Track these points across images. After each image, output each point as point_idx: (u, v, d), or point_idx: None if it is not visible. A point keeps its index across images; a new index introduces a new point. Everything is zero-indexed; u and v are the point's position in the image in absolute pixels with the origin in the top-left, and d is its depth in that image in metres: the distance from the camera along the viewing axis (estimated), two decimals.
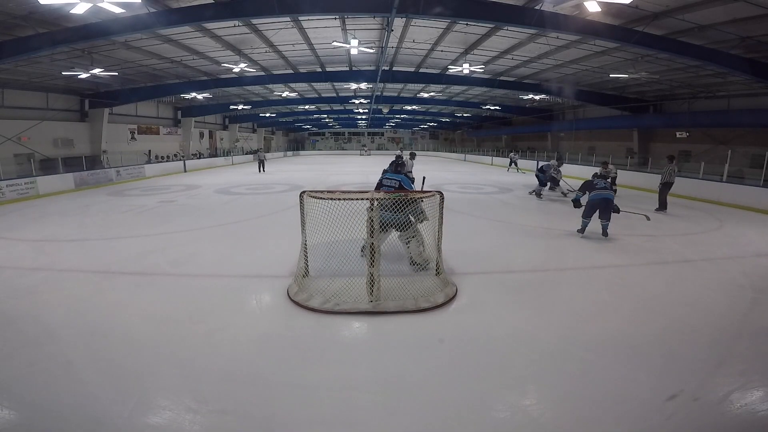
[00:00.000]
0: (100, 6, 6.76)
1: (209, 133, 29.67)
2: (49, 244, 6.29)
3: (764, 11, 7.76)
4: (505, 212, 9.32)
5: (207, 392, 2.52)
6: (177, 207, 9.89)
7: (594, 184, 6.52)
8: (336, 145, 54.04)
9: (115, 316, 3.61)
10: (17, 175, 12.00)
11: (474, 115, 33.70)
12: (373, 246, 3.72)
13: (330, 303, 3.76)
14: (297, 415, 2.35)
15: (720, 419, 2.35)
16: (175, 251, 5.79)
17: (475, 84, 17.55)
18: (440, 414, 2.37)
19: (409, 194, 5.02)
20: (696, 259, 5.61)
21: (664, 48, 9.78)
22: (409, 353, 3.03)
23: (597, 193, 6.39)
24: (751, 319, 3.73)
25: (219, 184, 15.15)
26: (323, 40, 12.05)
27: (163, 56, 13.20)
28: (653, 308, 3.88)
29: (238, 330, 3.39)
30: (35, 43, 9.17)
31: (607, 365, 2.86)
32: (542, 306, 3.95)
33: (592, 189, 6.49)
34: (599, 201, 6.35)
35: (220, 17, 9.01)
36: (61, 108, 16.57)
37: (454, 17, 9.38)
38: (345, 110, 31.86)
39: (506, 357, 2.99)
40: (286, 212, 8.71)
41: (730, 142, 15.13)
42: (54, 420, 2.29)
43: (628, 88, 17.42)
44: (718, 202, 10.58)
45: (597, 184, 6.48)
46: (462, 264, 5.04)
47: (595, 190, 6.44)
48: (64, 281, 4.59)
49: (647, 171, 15.08)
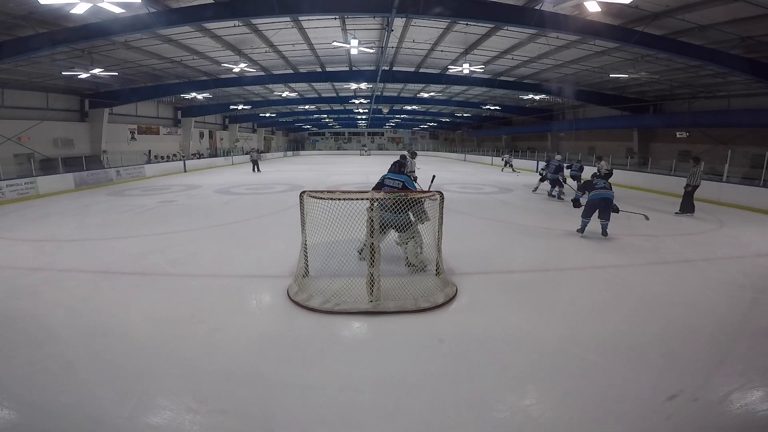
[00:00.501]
0: (100, 6, 6.76)
1: (209, 133, 29.68)
2: (49, 244, 6.29)
3: (764, 11, 7.75)
4: (505, 212, 9.32)
5: (207, 392, 2.52)
6: (177, 207, 9.89)
7: (594, 184, 6.53)
8: (336, 145, 54.03)
9: (115, 316, 3.61)
10: (17, 175, 12.00)
11: (474, 115, 33.70)
12: (373, 246, 3.72)
13: (330, 303, 3.76)
14: (297, 415, 2.35)
15: (720, 419, 2.35)
16: (175, 251, 5.79)
17: (475, 84, 17.54)
18: (440, 414, 2.36)
19: (410, 194, 5.02)
20: (696, 259, 5.60)
21: (664, 48, 9.78)
22: (409, 353, 3.03)
23: (596, 192, 6.41)
24: (751, 319, 3.73)
25: (219, 184, 15.16)
26: (323, 40, 12.05)
27: (163, 56, 13.20)
28: (653, 308, 3.88)
29: (238, 330, 3.39)
30: (35, 43, 9.16)
31: (607, 365, 2.86)
32: (542, 306, 3.95)
33: (591, 189, 6.50)
34: (599, 201, 6.37)
35: (220, 17, 9.01)
36: (61, 108, 16.56)
37: (454, 17, 9.38)
38: (345, 110, 31.86)
39: (506, 357, 2.99)
40: (286, 212, 8.71)
41: (730, 142, 15.12)
42: (54, 420, 2.29)
43: (628, 88, 17.42)
44: (718, 202, 10.58)
45: (597, 184, 6.50)
46: (462, 264, 5.04)
47: (594, 189, 6.45)
48: (64, 281, 4.59)
49: (647, 171, 15.09)
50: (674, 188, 12.43)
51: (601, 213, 6.41)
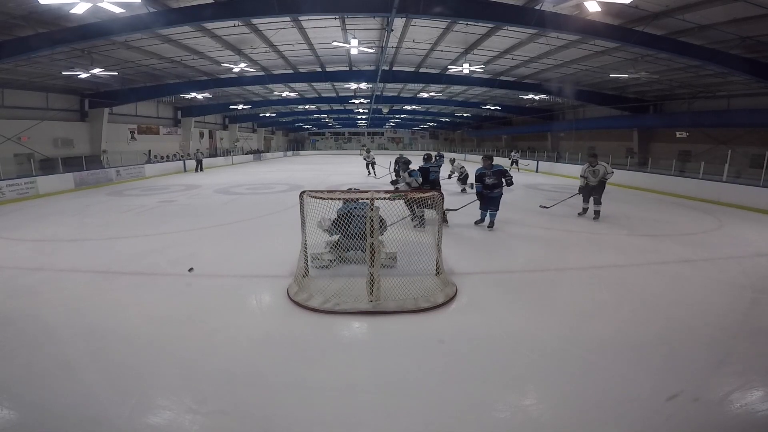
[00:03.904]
0: (99, 6, 6.75)
1: (209, 133, 29.67)
2: (49, 244, 6.29)
3: (764, 11, 7.75)
4: (505, 212, 9.29)
5: (207, 392, 2.52)
6: (177, 207, 9.89)
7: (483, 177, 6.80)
8: (336, 145, 54.02)
9: (115, 316, 3.61)
10: (17, 175, 11.98)
11: (474, 115, 33.67)
12: (373, 246, 3.72)
13: (330, 303, 3.75)
14: (297, 415, 2.35)
15: (720, 419, 2.35)
16: (175, 251, 5.79)
17: (475, 84, 17.53)
18: (440, 414, 2.37)
19: (409, 194, 5.03)
20: (696, 259, 5.60)
21: (664, 48, 9.77)
22: (409, 353, 3.02)
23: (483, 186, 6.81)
24: (751, 319, 3.73)
25: (219, 184, 15.15)
26: (323, 40, 12.04)
27: (163, 56, 13.19)
28: (653, 308, 3.88)
29: (238, 330, 3.39)
30: (35, 43, 9.16)
31: (608, 365, 2.86)
32: (542, 306, 3.95)
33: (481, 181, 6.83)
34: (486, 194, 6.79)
35: (219, 17, 9.00)
36: (61, 108, 16.55)
37: (454, 17, 9.37)
38: (345, 110, 31.84)
39: (506, 357, 2.99)
40: (286, 212, 8.71)
41: (730, 142, 15.12)
42: (54, 420, 2.29)
43: (628, 88, 17.41)
44: (718, 202, 10.57)
45: (487, 178, 6.76)
46: (462, 264, 5.04)
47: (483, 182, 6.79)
48: (64, 281, 4.59)
49: (647, 171, 15.09)
50: (674, 188, 12.46)
51: (487, 204, 6.92)
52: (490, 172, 6.70)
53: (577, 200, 8.34)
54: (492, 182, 6.70)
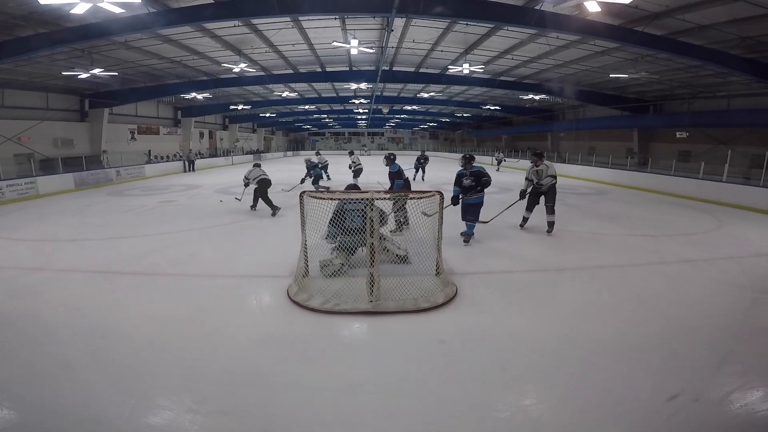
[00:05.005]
0: (99, 6, 6.74)
1: (209, 133, 29.67)
2: (49, 244, 6.29)
3: (764, 11, 7.75)
4: (505, 212, 9.28)
5: (207, 392, 2.52)
6: (177, 207, 9.90)
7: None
8: (336, 145, 54.00)
9: (115, 316, 3.61)
10: (17, 175, 11.98)
11: (474, 115, 33.67)
12: (373, 246, 3.72)
13: (330, 303, 3.75)
14: (297, 415, 2.35)
15: (720, 419, 2.35)
16: (175, 251, 5.79)
17: (475, 84, 17.53)
18: (440, 414, 2.36)
19: (409, 194, 5.03)
20: (696, 259, 5.60)
21: (664, 48, 9.77)
22: (409, 353, 3.02)
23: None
24: (751, 319, 3.73)
25: (219, 184, 15.14)
26: (323, 40, 12.04)
27: (163, 56, 13.19)
28: (653, 308, 3.88)
29: (238, 330, 3.39)
30: (35, 43, 9.15)
31: (608, 365, 2.85)
32: (542, 306, 3.94)
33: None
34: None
35: (219, 17, 9.00)
36: (61, 108, 16.55)
37: (454, 17, 9.37)
38: (345, 110, 31.82)
39: (506, 357, 2.99)
40: (286, 212, 8.71)
41: (730, 142, 15.12)
42: (54, 420, 2.29)
43: (628, 88, 17.41)
44: (718, 202, 10.57)
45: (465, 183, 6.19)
46: (462, 264, 5.04)
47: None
48: (64, 281, 4.59)
49: (647, 171, 15.09)
50: (674, 188, 12.46)
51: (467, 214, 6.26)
52: (468, 172, 6.16)
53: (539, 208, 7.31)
54: (469, 184, 6.14)
